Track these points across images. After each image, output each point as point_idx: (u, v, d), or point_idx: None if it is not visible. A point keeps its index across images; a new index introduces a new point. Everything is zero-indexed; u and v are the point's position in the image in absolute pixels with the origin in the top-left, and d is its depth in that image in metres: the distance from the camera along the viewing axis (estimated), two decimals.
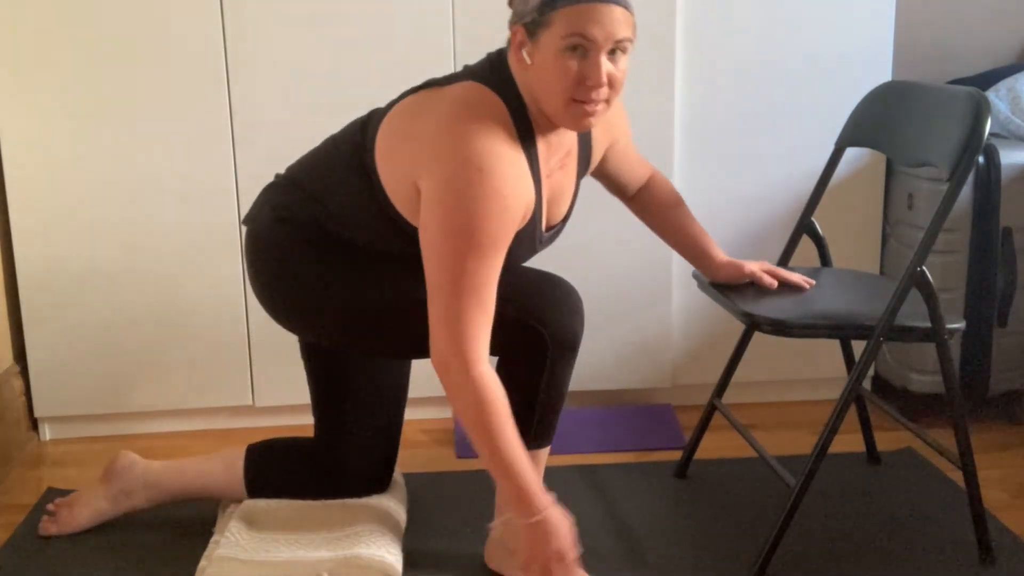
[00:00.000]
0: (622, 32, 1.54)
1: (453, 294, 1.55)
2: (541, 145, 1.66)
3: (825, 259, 2.16)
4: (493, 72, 1.65)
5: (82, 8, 2.29)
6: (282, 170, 1.90)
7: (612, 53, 1.56)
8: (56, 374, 2.47)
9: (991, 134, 2.42)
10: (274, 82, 2.36)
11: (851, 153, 2.43)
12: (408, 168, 1.63)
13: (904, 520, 2.02)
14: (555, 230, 1.80)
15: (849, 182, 2.55)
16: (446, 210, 1.54)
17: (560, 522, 1.57)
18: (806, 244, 2.16)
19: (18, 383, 2.44)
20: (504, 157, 1.55)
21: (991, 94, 2.62)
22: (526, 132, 1.62)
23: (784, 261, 2.16)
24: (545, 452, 1.83)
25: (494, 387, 1.56)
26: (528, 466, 1.57)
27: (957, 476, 2.06)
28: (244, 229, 1.89)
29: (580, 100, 1.56)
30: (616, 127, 1.89)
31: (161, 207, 2.40)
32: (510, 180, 1.55)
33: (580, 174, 1.83)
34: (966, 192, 2.36)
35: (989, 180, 2.34)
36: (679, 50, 2.45)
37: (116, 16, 2.31)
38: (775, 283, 1.96)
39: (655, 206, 2.01)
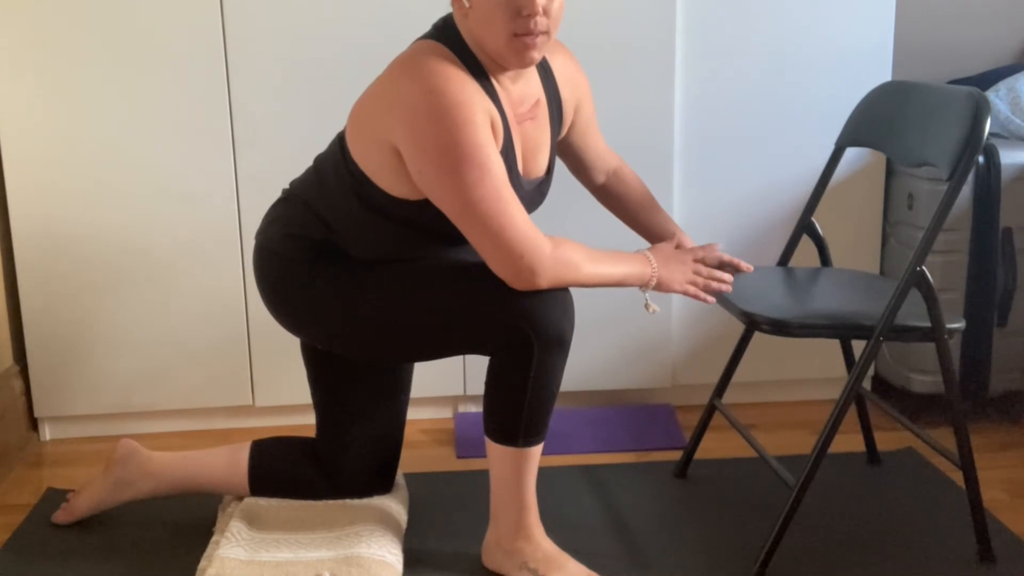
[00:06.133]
0: None
1: (477, 211, 1.61)
2: (497, 85, 1.72)
3: (825, 259, 2.15)
4: (437, 30, 1.74)
5: (82, 9, 2.29)
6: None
7: None
8: (56, 374, 2.46)
9: (991, 134, 2.42)
10: (274, 82, 2.36)
11: (851, 153, 2.43)
12: (378, 136, 1.68)
13: (904, 520, 2.02)
14: (538, 183, 1.83)
15: (849, 182, 2.54)
16: (423, 144, 1.61)
17: (666, 259, 1.80)
18: (806, 244, 2.16)
19: (18, 383, 2.44)
20: (451, 75, 1.62)
21: (991, 94, 2.62)
22: (477, 70, 1.68)
23: (784, 261, 2.16)
24: (538, 450, 1.78)
25: (563, 246, 1.67)
26: (620, 256, 1.75)
27: (957, 476, 2.05)
28: (254, 242, 1.91)
29: (520, 34, 1.62)
30: (580, 86, 1.93)
31: (161, 207, 2.40)
32: (464, 91, 1.61)
33: (555, 128, 1.86)
34: (966, 192, 2.36)
35: (989, 180, 2.34)
36: (679, 50, 2.45)
37: (115, 16, 2.30)
38: (751, 267, 1.99)
39: (628, 200, 2.05)
